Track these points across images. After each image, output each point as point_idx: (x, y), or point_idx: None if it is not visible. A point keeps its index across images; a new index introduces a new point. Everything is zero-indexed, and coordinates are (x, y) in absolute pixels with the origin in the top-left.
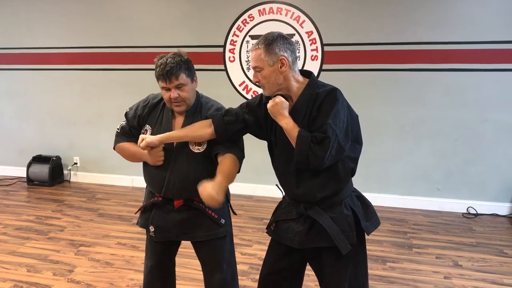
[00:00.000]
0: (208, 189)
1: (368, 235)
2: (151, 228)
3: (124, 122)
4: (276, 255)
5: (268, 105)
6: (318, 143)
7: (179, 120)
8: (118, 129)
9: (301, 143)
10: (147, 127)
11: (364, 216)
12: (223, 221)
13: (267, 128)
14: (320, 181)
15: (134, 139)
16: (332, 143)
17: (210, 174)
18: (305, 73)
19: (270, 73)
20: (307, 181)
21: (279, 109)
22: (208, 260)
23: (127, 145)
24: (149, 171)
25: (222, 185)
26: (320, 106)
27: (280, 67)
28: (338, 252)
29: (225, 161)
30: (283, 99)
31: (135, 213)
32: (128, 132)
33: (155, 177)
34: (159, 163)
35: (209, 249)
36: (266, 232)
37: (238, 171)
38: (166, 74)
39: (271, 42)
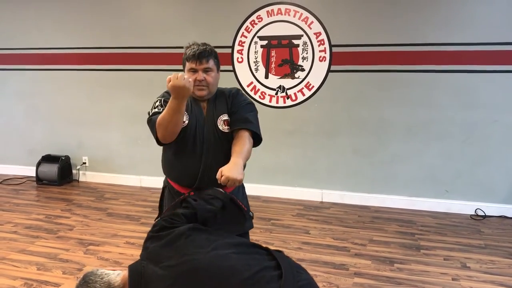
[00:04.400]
0: (225, 172)
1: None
2: None
3: (161, 106)
4: None
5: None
6: None
7: (203, 106)
8: (156, 109)
9: None
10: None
11: None
12: (251, 213)
13: None
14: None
15: None
16: None
17: None
18: None
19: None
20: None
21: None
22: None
23: (161, 117)
24: (182, 162)
25: (238, 165)
26: None
27: None
28: None
29: (240, 139)
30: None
31: (155, 220)
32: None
33: (190, 165)
34: (188, 87)
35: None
36: None
37: (259, 143)
38: (198, 55)
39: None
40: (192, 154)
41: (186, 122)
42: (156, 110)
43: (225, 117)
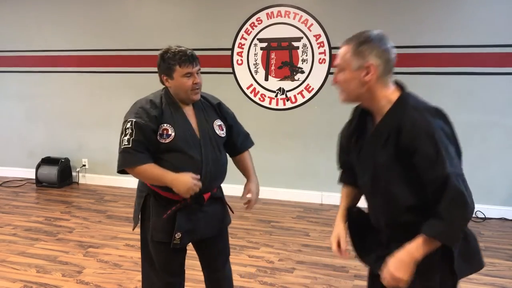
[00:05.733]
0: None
1: (459, 278)
2: (177, 235)
3: (133, 136)
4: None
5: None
6: (453, 205)
7: (189, 111)
8: (127, 145)
9: (450, 234)
10: (166, 126)
11: (461, 255)
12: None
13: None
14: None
15: (151, 156)
16: (462, 189)
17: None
18: (397, 85)
19: (350, 79)
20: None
21: (404, 272)
22: (223, 249)
23: (149, 168)
24: (184, 167)
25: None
26: (415, 148)
27: (364, 76)
28: None
29: (248, 160)
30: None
31: (153, 230)
32: (146, 146)
33: (192, 171)
34: (190, 193)
35: (225, 238)
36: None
37: None
38: (192, 58)
39: (364, 42)
40: (188, 162)
41: (173, 135)
42: (126, 143)
43: (218, 122)
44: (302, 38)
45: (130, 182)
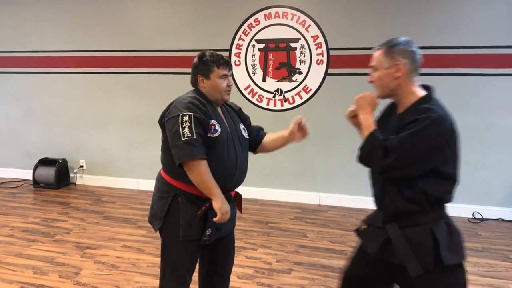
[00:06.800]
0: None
1: (445, 264)
2: (208, 232)
3: (195, 129)
4: (365, 260)
5: (356, 97)
6: (381, 149)
7: (220, 112)
8: (191, 137)
9: (371, 141)
10: (213, 121)
11: (447, 245)
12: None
13: None
14: (397, 197)
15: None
16: (393, 157)
17: None
18: (425, 88)
19: (383, 76)
20: (386, 194)
21: (364, 103)
22: (233, 248)
23: (206, 164)
24: (224, 164)
25: None
26: (410, 119)
27: (394, 72)
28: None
29: (270, 134)
30: (374, 96)
31: (194, 223)
32: (203, 140)
33: (224, 169)
34: (221, 218)
35: (233, 236)
36: (356, 234)
37: None
38: (229, 62)
39: (393, 45)
40: (227, 159)
41: (219, 130)
42: (190, 135)
43: (242, 125)
44: (299, 39)
45: (128, 183)
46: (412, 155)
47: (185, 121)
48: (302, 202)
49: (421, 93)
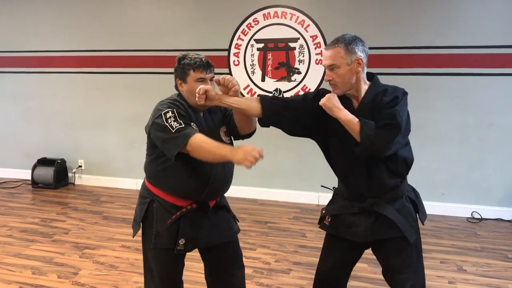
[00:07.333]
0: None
1: (423, 224)
2: (181, 241)
3: (180, 119)
4: (342, 250)
5: (322, 100)
6: (385, 127)
7: (200, 116)
8: (179, 126)
9: (367, 128)
10: (193, 124)
11: (422, 208)
12: (237, 220)
13: (318, 126)
14: (385, 175)
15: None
16: (399, 130)
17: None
18: (368, 75)
19: (346, 72)
20: (374, 176)
21: (334, 103)
22: (236, 258)
23: (205, 138)
24: (188, 172)
25: None
26: (390, 98)
27: (356, 67)
28: (403, 241)
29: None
30: (335, 94)
31: (161, 231)
32: (191, 122)
33: (198, 176)
34: (248, 158)
35: (235, 247)
36: (319, 227)
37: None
38: (207, 64)
39: (350, 42)
40: (200, 166)
41: None
42: (178, 125)
43: (224, 128)
44: (298, 39)
45: (126, 183)
46: (406, 126)
47: (169, 117)
48: (301, 202)
49: (369, 81)
